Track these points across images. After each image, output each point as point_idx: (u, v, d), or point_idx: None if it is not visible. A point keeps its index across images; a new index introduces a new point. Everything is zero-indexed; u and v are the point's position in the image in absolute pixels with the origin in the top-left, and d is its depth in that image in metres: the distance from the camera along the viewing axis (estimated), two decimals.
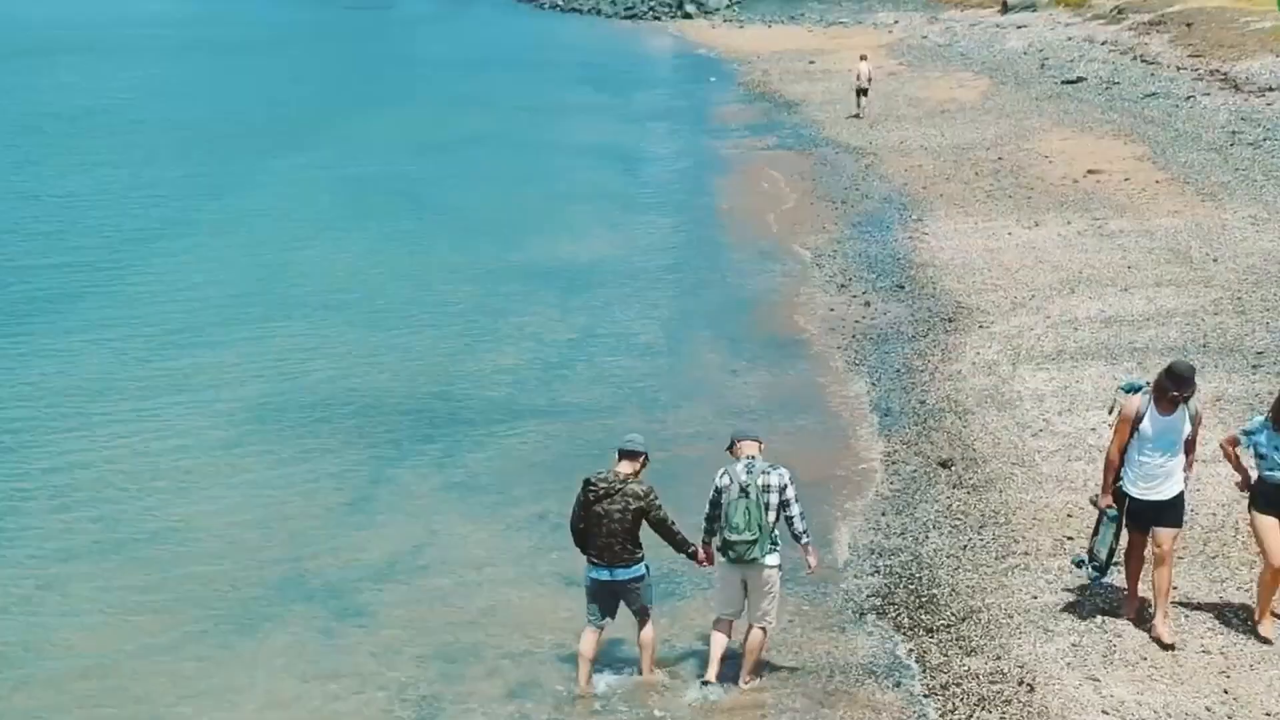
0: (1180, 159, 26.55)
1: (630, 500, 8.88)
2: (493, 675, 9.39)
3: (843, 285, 19.58)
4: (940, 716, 8.69)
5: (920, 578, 10.60)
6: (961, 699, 8.87)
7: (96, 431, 13.95)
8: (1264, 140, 27.11)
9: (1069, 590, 10.19)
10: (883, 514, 11.88)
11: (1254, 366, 14.86)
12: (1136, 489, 9.34)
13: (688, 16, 72.62)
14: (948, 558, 10.89)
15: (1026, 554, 10.86)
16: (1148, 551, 9.52)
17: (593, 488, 8.94)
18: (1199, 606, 9.83)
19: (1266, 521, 9.25)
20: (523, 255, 21.93)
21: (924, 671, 9.25)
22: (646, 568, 9.12)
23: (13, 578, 10.88)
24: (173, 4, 76.10)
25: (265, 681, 9.44)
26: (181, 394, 15.17)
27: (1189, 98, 32.69)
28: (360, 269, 21.07)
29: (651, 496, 8.95)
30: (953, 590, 10.36)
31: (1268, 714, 8.49)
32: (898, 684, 9.13)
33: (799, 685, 9.17)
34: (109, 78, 45.83)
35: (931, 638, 9.69)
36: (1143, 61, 39.28)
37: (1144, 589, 9.66)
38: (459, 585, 10.78)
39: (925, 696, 8.96)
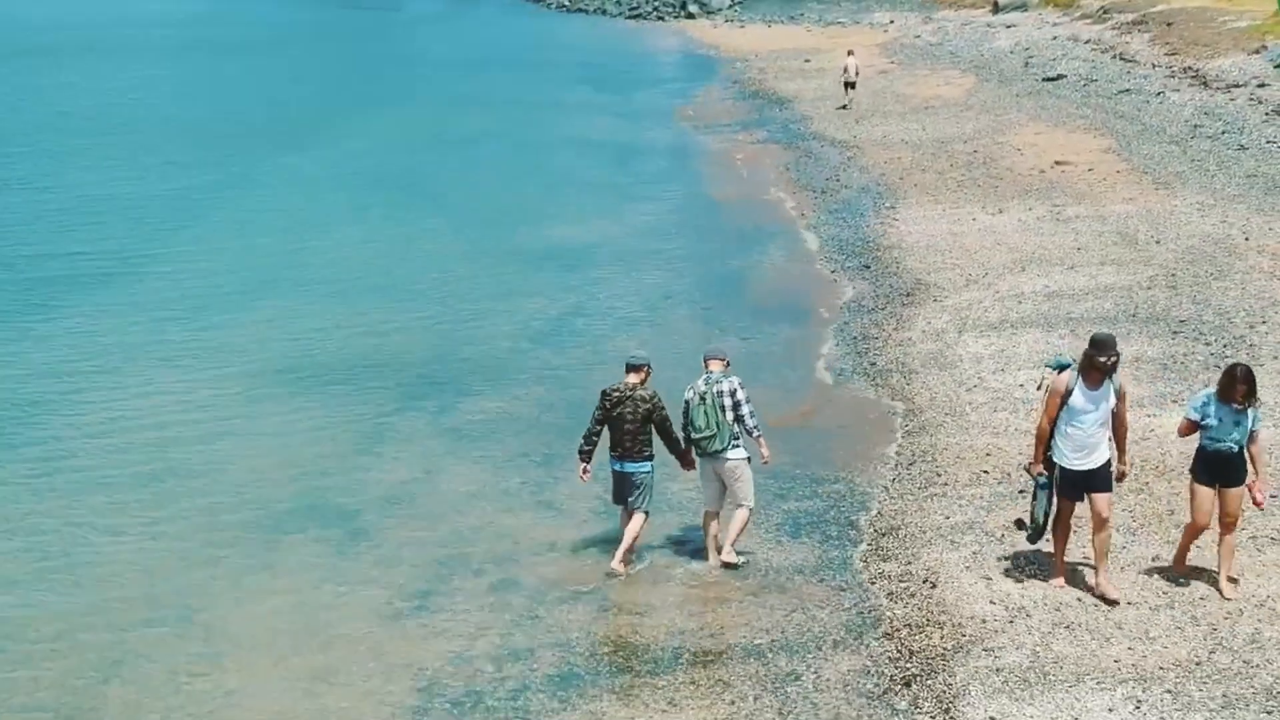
0: (1143, 151, 28.12)
1: (639, 404, 10.85)
2: (478, 576, 11.04)
3: (808, 262, 21.24)
4: (853, 607, 10.32)
5: (851, 502, 12.26)
6: (874, 593, 10.51)
7: (138, 387, 15.67)
8: (1222, 133, 28.67)
9: (978, 513, 11.81)
10: (827, 453, 13.50)
11: (1174, 333, 16.46)
12: (1068, 460, 10.06)
13: (690, 16, 74.28)
14: (878, 487, 12.54)
15: (946, 485, 12.49)
16: (1077, 519, 10.38)
17: (608, 397, 10.95)
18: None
19: (1203, 490, 10.13)
20: (520, 239, 23.59)
21: (845, 572, 10.90)
22: (652, 467, 10.98)
23: (71, 504, 12.52)
24: (178, 4, 78.03)
25: (285, 584, 11.07)
26: (210, 357, 16.84)
27: (1159, 94, 34.27)
28: (369, 251, 22.73)
29: (656, 400, 10.94)
30: (879, 513, 12.01)
31: (1129, 602, 10.09)
32: (821, 580, 10.79)
33: (739, 582, 10.83)
34: (120, 77, 47.55)
35: (855, 548, 11.34)
36: (1121, 59, 40.83)
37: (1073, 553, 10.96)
38: (451, 510, 12.41)
39: (843, 590, 10.60)
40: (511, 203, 27.15)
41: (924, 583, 10.58)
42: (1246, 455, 10.16)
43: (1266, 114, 29.64)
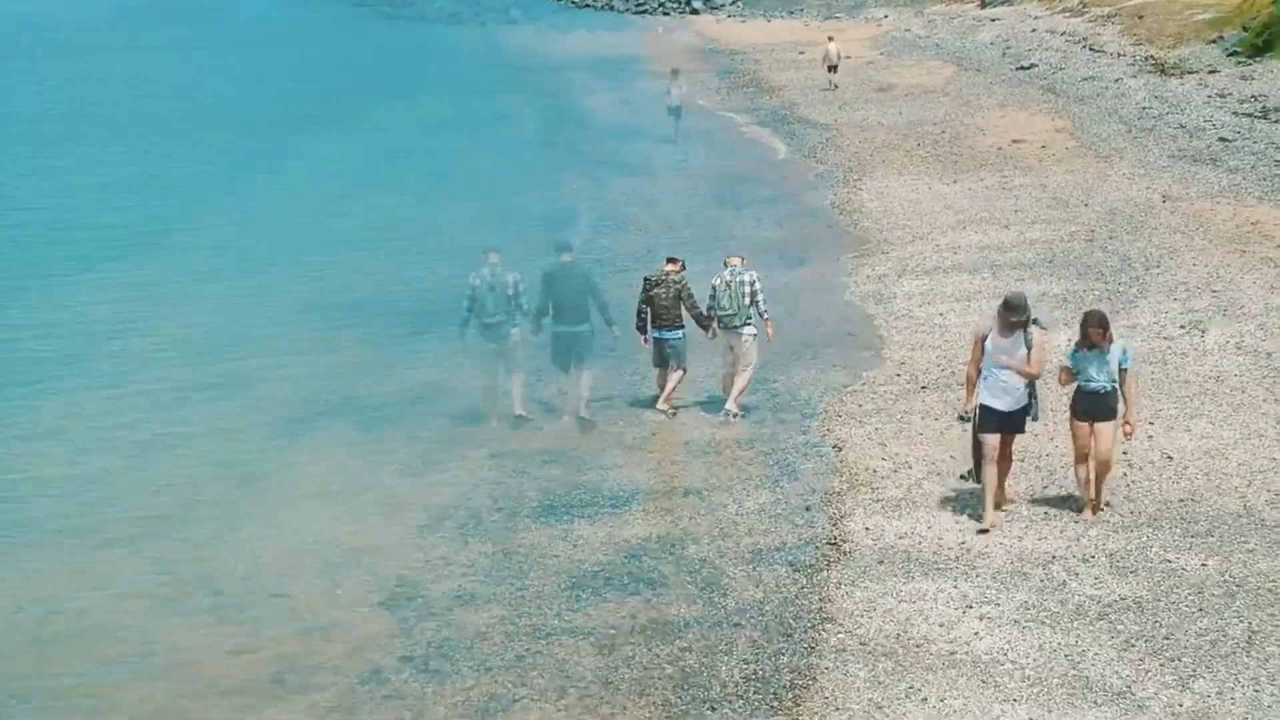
0: (1093, 130, 30.80)
1: (671, 285, 14.49)
2: (479, 447, 13.83)
3: (780, 224, 24.02)
4: (776, 464, 13.09)
5: (783, 395, 15.05)
6: (792, 456, 13.27)
7: (196, 316, 18.64)
8: (1166, 114, 31.33)
9: (886, 402, 14.57)
10: (768, 362, 16.23)
11: (1079, 275, 19.19)
12: (984, 398, 11.26)
13: (695, 12, 76.90)
14: (807, 384, 15.33)
15: (863, 384, 15.27)
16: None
17: (648, 280, 14.66)
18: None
19: (1080, 426, 11.35)
20: (522, 204, 26.36)
21: (771, 443, 13.68)
22: (684, 335, 14.44)
23: (135, 394, 15.40)
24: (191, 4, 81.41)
25: (324, 453, 13.79)
26: (251, 293, 19.78)
27: (1117, 80, 36.92)
28: (387, 216, 25.64)
29: (684, 282, 14.58)
30: (805, 401, 14.80)
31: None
32: (752, 448, 13.57)
33: (688, 450, 13.69)
34: (156, 71, 50.72)
35: (782, 426, 14.12)
36: (1091, 50, 43.46)
37: None
38: (458, 404, 15.10)
39: (768, 455, 13.37)
40: (515, 173, 29.95)
41: (833, 448, 13.36)
42: (1119, 393, 11.18)
43: (1208, 96, 32.30)
